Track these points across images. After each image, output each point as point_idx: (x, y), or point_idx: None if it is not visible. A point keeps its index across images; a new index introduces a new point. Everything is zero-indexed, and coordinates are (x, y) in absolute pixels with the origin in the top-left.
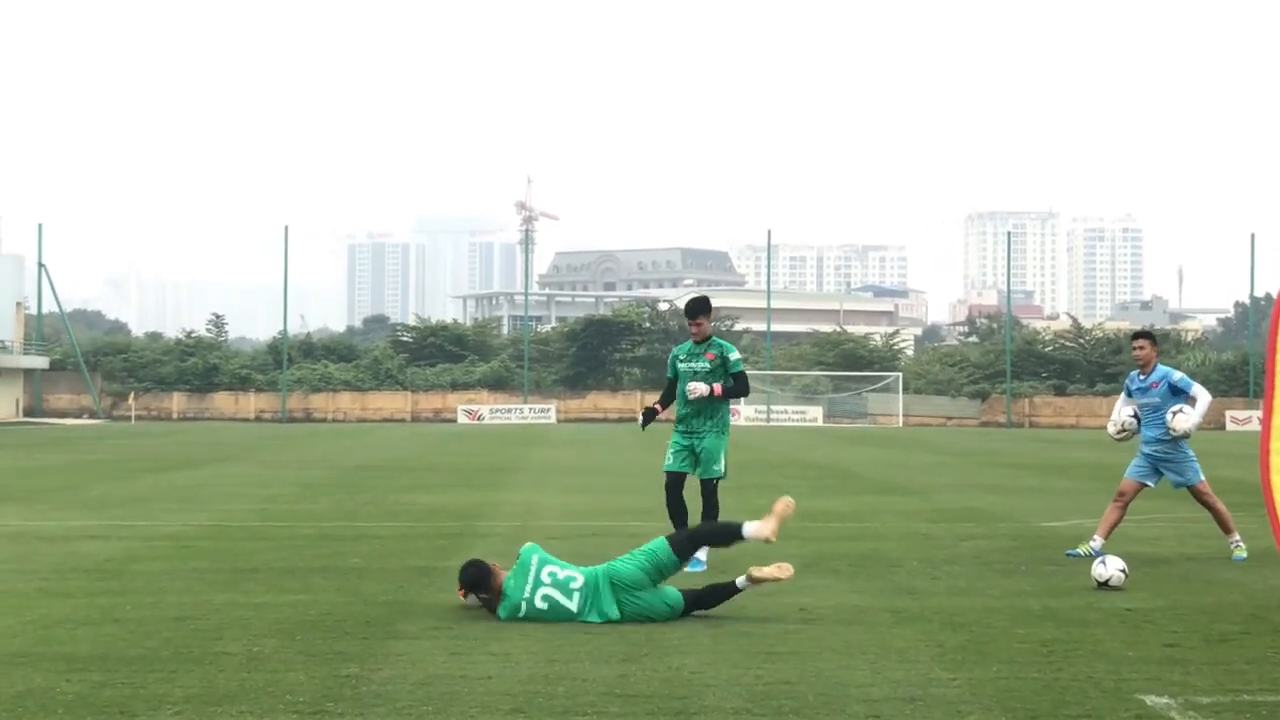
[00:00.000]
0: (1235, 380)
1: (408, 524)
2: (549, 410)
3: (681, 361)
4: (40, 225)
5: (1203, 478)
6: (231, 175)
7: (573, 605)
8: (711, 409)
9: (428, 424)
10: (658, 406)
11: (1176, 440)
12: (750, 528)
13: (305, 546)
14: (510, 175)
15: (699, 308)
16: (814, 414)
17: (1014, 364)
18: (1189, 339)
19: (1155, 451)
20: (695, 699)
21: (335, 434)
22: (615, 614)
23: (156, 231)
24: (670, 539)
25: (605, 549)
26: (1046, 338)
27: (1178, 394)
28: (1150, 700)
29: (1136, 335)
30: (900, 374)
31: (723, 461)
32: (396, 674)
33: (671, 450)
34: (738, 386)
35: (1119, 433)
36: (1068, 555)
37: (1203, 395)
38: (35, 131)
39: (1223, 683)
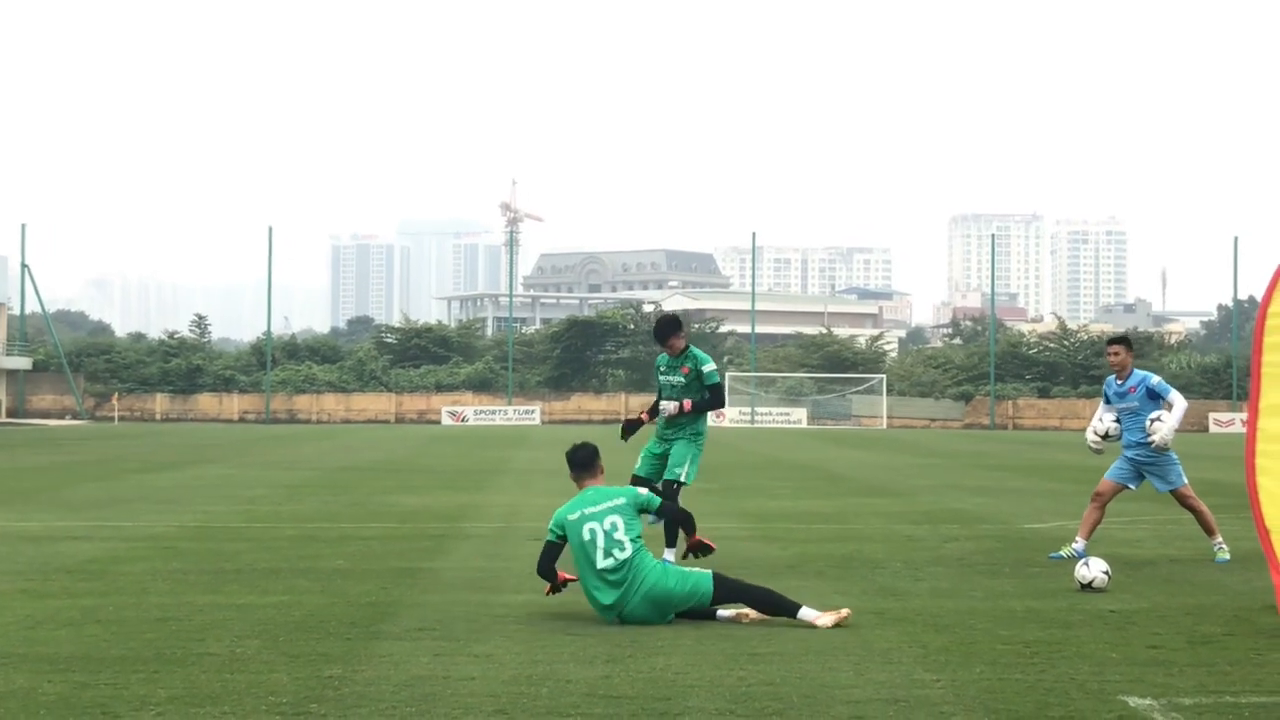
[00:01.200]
0: (1218, 383)
1: (391, 525)
2: (533, 412)
3: (661, 374)
4: (23, 225)
5: (1185, 480)
6: (216, 176)
7: (601, 561)
8: (685, 419)
9: (412, 425)
10: (643, 416)
11: (1152, 448)
12: (808, 613)
13: (288, 548)
14: (495, 177)
15: (668, 330)
16: (798, 416)
17: (998, 366)
18: (1172, 341)
19: (1138, 455)
20: (679, 700)
21: (319, 435)
22: (610, 616)
23: (140, 232)
24: (718, 580)
25: None
26: (1031, 340)
27: (1155, 398)
28: (1133, 702)
29: (1111, 341)
30: (884, 376)
31: (687, 467)
32: (379, 675)
33: (642, 455)
34: (711, 399)
35: (1098, 442)
36: (1050, 558)
37: (1179, 401)
38: (19, 132)
39: (1205, 684)
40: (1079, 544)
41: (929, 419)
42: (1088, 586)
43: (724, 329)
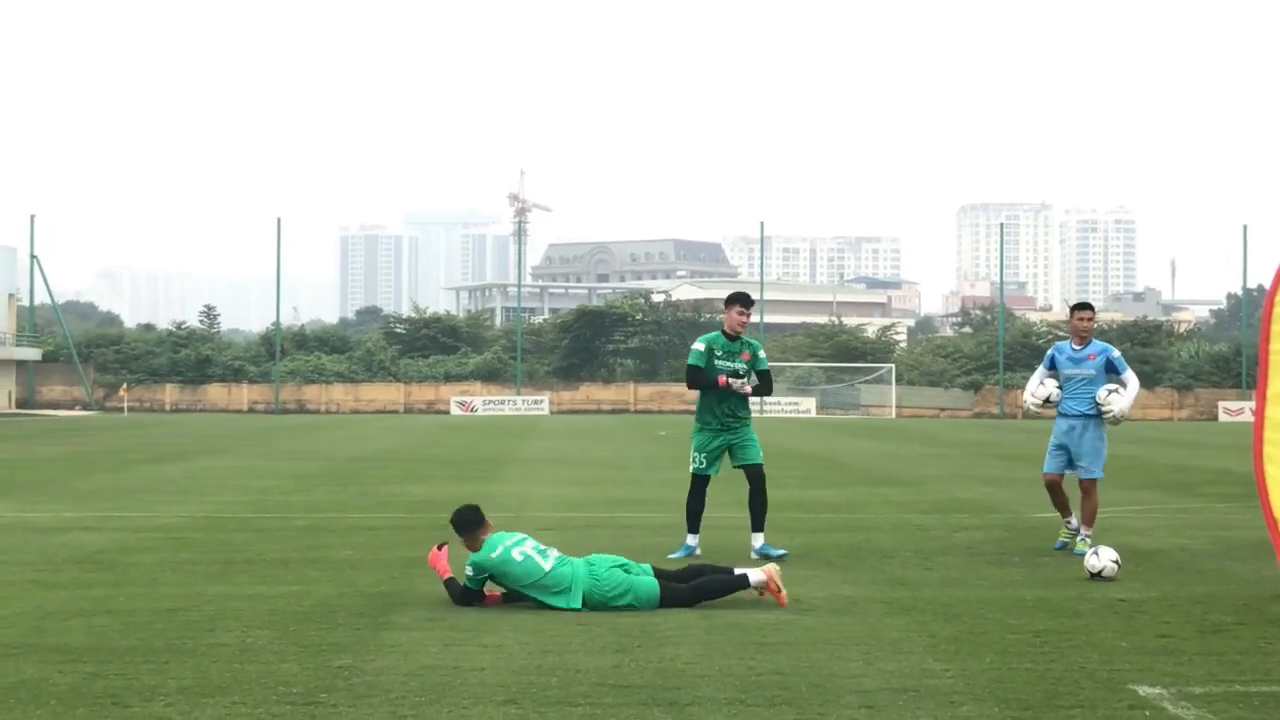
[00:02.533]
0: (1228, 371)
1: (401, 515)
2: (542, 402)
3: (719, 358)
4: (33, 217)
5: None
6: (224, 167)
7: (546, 564)
8: (742, 402)
9: (421, 415)
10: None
11: (1106, 419)
12: (754, 575)
13: (298, 538)
14: (503, 167)
15: (745, 301)
16: (807, 405)
17: (1007, 355)
18: (1181, 330)
19: (1071, 428)
20: (688, 689)
21: (328, 425)
22: (578, 604)
23: (149, 224)
24: (664, 586)
25: (597, 541)
26: (1041, 330)
27: (1111, 371)
28: (1143, 691)
29: (1083, 306)
30: (893, 365)
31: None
32: (389, 665)
33: (703, 453)
34: (764, 385)
35: (1038, 405)
36: (1056, 548)
37: (1133, 381)
38: (28, 124)
39: (1215, 673)
40: (1072, 520)
41: (938, 408)
42: (1097, 575)
43: None
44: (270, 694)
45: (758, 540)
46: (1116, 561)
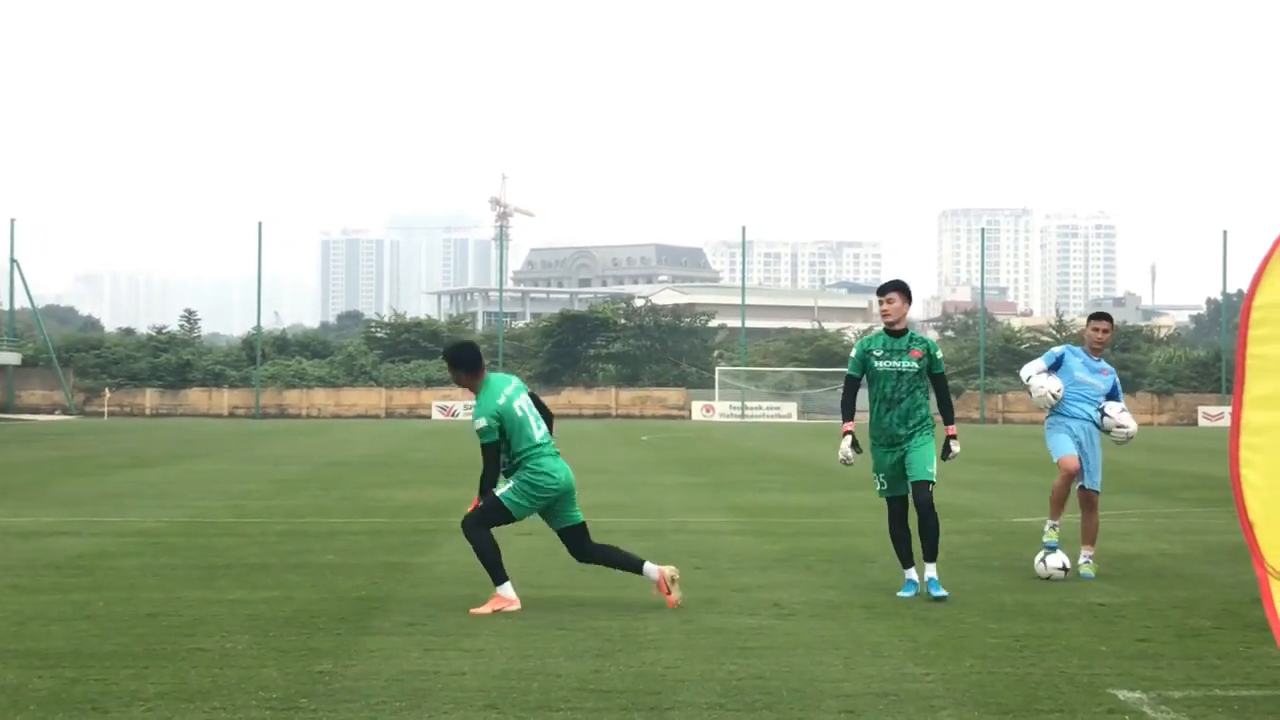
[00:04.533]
0: (1208, 376)
1: (381, 520)
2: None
3: (878, 359)
4: (12, 221)
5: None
6: (205, 171)
7: (537, 433)
8: (915, 407)
9: (402, 420)
10: (849, 430)
11: (1115, 437)
12: (650, 569)
13: (278, 543)
14: (485, 171)
15: (904, 290)
16: (788, 410)
17: (988, 360)
18: (1162, 335)
19: (1085, 430)
20: (669, 694)
21: (309, 430)
22: (567, 482)
23: (129, 227)
24: (571, 544)
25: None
26: (1023, 335)
27: (1113, 395)
28: (1123, 695)
29: (1103, 315)
30: None
31: (936, 464)
32: (370, 670)
33: (881, 474)
34: (941, 394)
35: (1055, 397)
36: (1050, 546)
37: (1129, 413)
38: (7, 127)
39: (1194, 677)
40: (1058, 525)
41: None
42: (1046, 580)
43: (714, 323)
44: (250, 699)
45: (928, 571)
46: (1064, 568)
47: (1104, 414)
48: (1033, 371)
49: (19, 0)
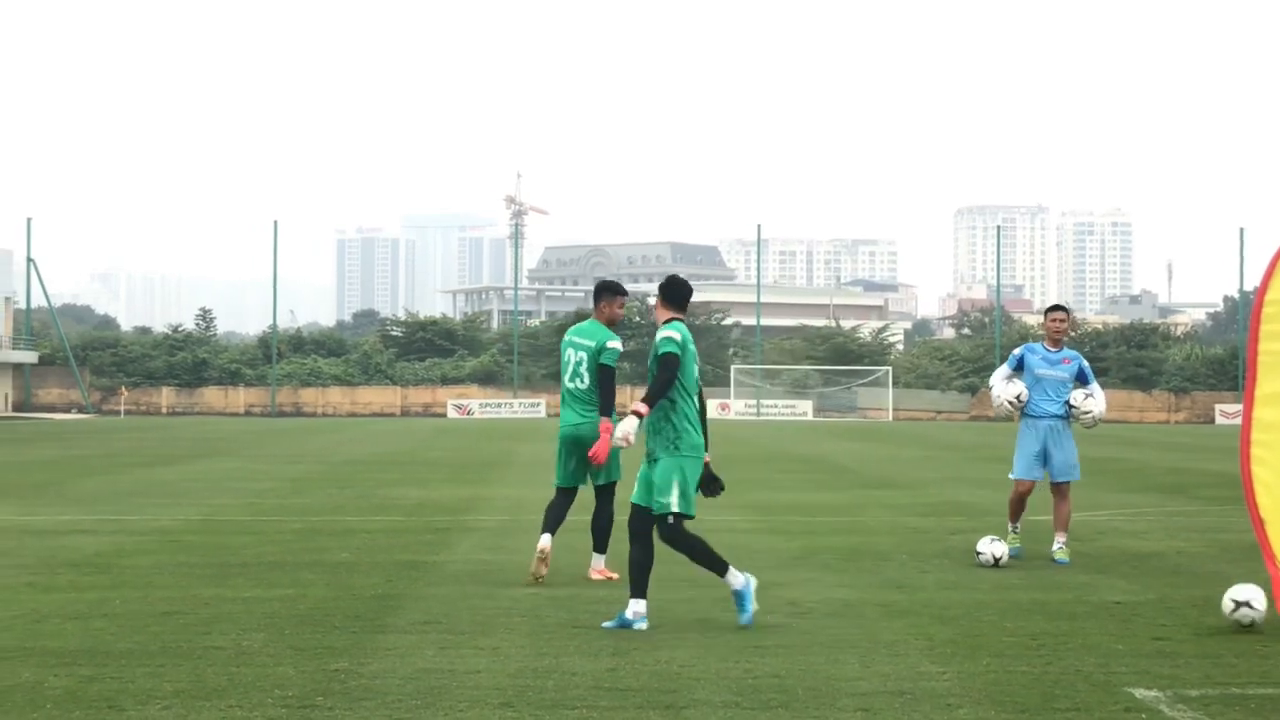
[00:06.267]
0: (1224, 374)
1: (397, 519)
2: (539, 405)
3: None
4: (29, 220)
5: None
6: (221, 170)
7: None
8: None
9: (417, 418)
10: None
11: (1083, 422)
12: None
13: (294, 541)
14: (500, 170)
15: (1058, 307)
16: (804, 408)
17: (1004, 358)
18: (1178, 333)
19: (1051, 429)
20: (685, 692)
21: (325, 429)
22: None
23: (145, 226)
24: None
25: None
26: (1038, 332)
27: (1080, 380)
28: (1139, 693)
29: (1059, 308)
30: (890, 368)
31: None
32: (385, 668)
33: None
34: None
35: (1016, 406)
36: (1013, 554)
37: (1100, 393)
38: (24, 126)
39: (1211, 675)
40: (1018, 527)
41: (935, 411)
42: (996, 563)
43: (729, 321)
44: (266, 697)
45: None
46: (996, 560)
47: (1070, 405)
48: (996, 380)
49: (37, 1)
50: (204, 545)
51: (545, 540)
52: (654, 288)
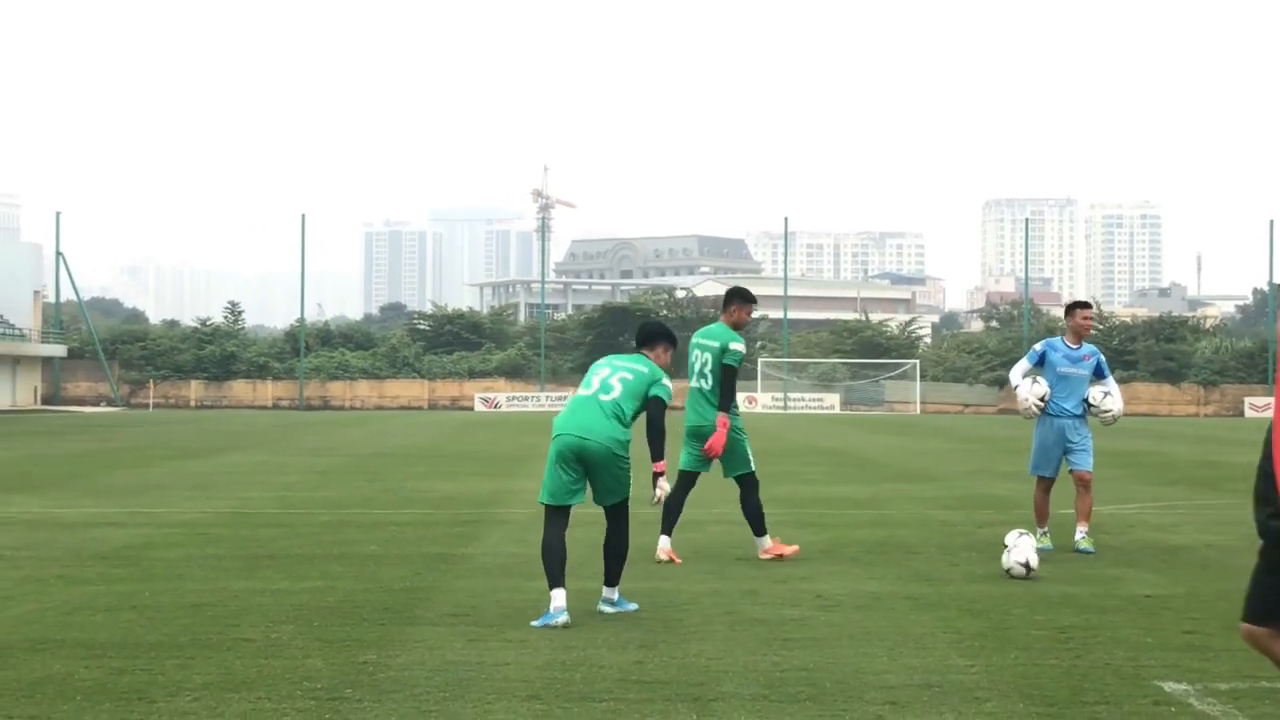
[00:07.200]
0: (1254, 367)
1: (425, 511)
2: (565, 398)
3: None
4: (58, 214)
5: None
6: (249, 164)
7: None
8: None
9: (445, 412)
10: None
11: (1102, 420)
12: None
13: (323, 533)
14: (527, 163)
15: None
16: (831, 401)
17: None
18: (1208, 326)
19: (1070, 427)
20: (712, 685)
21: (352, 421)
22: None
23: (174, 220)
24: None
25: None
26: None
27: (1097, 374)
28: (1169, 687)
29: (1084, 305)
30: (918, 361)
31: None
32: (414, 661)
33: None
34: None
35: (1040, 407)
36: (1043, 551)
37: (1116, 390)
38: (54, 121)
39: (1241, 669)
40: (1046, 528)
41: (963, 404)
42: (1007, 573)
43: (756, 314)
44: (295, 689)
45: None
46: (1025, 564)
47: (1089, 404)
48: (1018, 378)
49: None
50: (233, 538)
51: (765, 541)
52: (681, 281)
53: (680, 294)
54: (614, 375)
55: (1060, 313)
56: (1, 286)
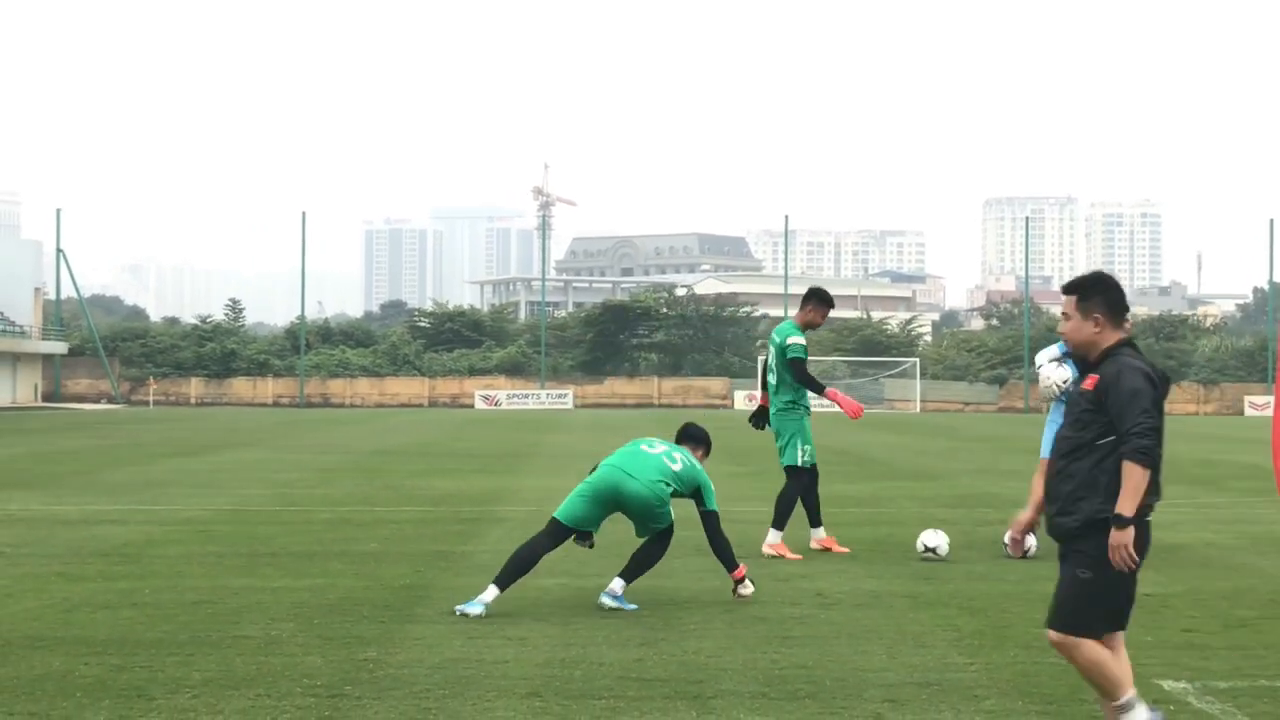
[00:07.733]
0: (1254, 366)
1: (425, 509)
2: (566, 396)
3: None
4: (59, 211)
5: None
6: (250, 163)
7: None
8: None
9: (445, 409)
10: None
11: None
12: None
13: (323, 531)
14: (527, 161)
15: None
16: None
17: (1032, 349)
18: (1207, 324)
19: None
20: (712, 683)
21: (353, 419)
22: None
23: (174, 218)
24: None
25: (624, 533)
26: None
27: None
28: (1168, 685)
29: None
30: (918, 360)
31: None
32: (413, 658)
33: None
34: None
35: (1057, 393)
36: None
37: None
38: (55, 118)
39: (1240, 668)
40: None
41: (963, 403)
42: (932, 551)
43: (757, 313)
44: (295, 686)
45: None
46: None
47: None
48: (1044, 360)
49: None
50: (233, 535)
51: (819, 533)
52: (682, 279)
53: (681, 292)
54: (675, 451)
55: (1060, 311)
56: (2, 284)
